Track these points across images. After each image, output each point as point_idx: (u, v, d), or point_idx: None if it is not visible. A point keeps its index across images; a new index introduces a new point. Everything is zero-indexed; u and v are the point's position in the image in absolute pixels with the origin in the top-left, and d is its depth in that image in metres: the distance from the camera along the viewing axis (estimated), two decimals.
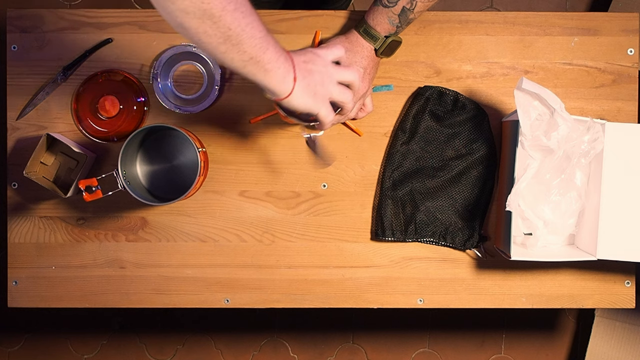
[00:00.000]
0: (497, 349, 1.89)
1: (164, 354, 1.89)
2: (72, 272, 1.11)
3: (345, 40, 0.99)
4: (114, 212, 1.11)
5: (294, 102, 0.84)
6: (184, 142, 1.08)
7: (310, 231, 1.11)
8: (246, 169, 1.10)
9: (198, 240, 1.11)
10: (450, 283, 1.11)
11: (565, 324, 1.89)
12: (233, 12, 0.73)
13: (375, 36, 0.97)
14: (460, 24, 1.11)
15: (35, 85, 1.10)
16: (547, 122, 0.97)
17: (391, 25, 0.97)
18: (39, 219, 1.11)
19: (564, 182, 1.01)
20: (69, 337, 1.90)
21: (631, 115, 1.11)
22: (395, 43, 1.00)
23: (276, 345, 1.89)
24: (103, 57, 1.10)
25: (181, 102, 1.10)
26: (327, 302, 1.11)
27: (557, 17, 1.11)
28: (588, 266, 1.10)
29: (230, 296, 1.11)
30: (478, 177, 1.09)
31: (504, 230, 1.02)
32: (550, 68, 1.11)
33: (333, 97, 0.88)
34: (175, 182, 1.08)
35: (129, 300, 1.11)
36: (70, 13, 1.10)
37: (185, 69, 1.10)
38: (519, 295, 1.11)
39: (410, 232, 1.09)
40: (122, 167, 0.99)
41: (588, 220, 1.03)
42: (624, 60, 1.10)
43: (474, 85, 1.11)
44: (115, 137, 1.09)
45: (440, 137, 1.09)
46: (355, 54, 0.98)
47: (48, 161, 1.08)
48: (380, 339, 1.89)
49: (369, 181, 1.11)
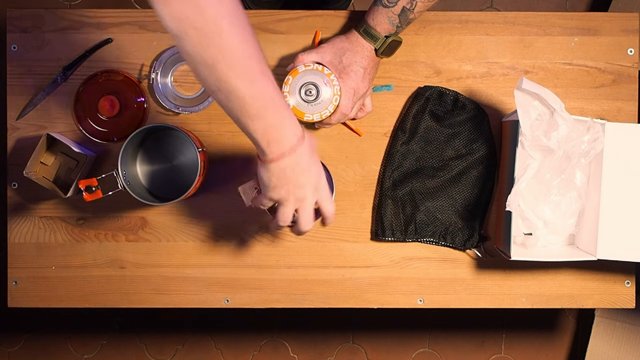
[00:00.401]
0: (497, 349, 1.89)
1: (164, 354, 1.89)
2: (72, 272, 1.11)
3: (345, 40, 0.99)
4: (114, 212, 1.11)
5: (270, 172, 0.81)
6: (184, 142, 1.08)
7: (310, 231, 1.10)
8: (246, 170, 1.10)
9: (198, 240, 1.11)
10: (450, 283, 1.11)
11: (565, 324, 1.89)
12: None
13: (375, 36, 0.97)
14: (460, 24, 1.11)
15: (35, 85, 1.10)
16: (547, 122, 0.97)
17: (391, 25, 0.97)
18: (39, 219, 1.11)
19: (564, 182, 1.01)
20: (69, 337, 1.90)
21: (631, 115, 1.11)
22: (396, 43, 1.00)
23: (276, 345, 1.89)
24: (103, 57, 1.10)
25: (181, 102, 1.10)
26: (327, 302, 1.11)
27: (557, 17, 1.11)
28: (588, 266, 1.10)
29: (230, 296, 1.11)
30: (478, 177, 1.09)
31: (504, 230, 1.02)
32: (550, 68, 1.11)
33: (298, 199, 0.84)
34: (175, 182, 1.08)
35: (129, 300, 1.11)
36: (70, 13, 1.10)
37: (185, 69, 1.10)
38: (519, 295, 1.11)
39: (410, 232, 1.09)
40: (122, 167, 0.99)
41: (588, 220, 1.03)
42: (624, 60, 1.10)
43: (474, 85, 1.11)
44: (115, 137, 1.09)
45: (440, 137, 1.09)
46: (356, 54, 0.98)
47: (48, 161, 1.08)
48: (380, 339, 1.89)
49: (369, 181, 1.11)
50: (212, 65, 0.72)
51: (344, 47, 0.99)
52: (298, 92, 1.00)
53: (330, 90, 0.99)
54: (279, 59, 1.10)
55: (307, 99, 1.00)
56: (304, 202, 0.84)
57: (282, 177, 0.81)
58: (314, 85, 0.99)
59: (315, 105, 1.00)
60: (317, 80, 0.99)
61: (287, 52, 1.10)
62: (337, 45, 1.00)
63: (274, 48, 1.10)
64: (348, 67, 0.98)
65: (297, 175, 0.82)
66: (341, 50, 0.99)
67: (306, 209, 0.85)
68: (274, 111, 0.77)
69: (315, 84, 0.99)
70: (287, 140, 0.79)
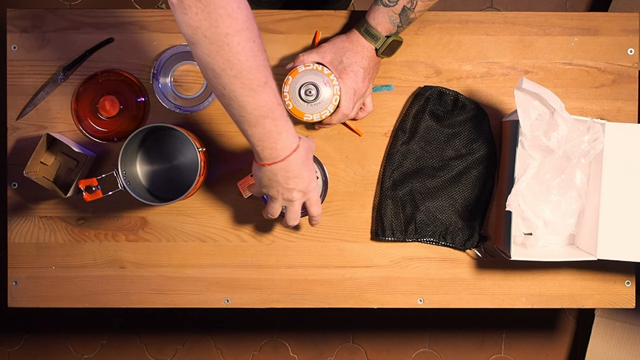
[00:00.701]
0: (497, 349, 1.89)
1: (164, 354, 1.89)
2: (72, 272, 1.11)
3: (346, 39, 0.99)
4: (114, 212, 1.11)
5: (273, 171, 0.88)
6: (184, 142, 1.08)
7: (310, 231, 1.10)
8: (246, 169, 1.10)
9: (198, 240, 1.11)
10: (450, 283, 1.11)
11: (565, 324, 1.89)
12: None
13: (376, 36, 0.97)
14: (460, 24, 1.11)
15: (35, 85, 1.10)
16: (547, 122, 0.97)
17: (392, 25, 0.97)
18: (39, 219, 1.11)
19: (564, 182, 1.01)
20: (69, 337, 1.90)
21: (631, 115, 1.11)
22: (396, 43, 1.00)
23: (276, 345, 1.89)
24: (103, 57, 1.10)
25: (181, 102, 1.10)
26: (327, 302, 1.11)
27: (557, 17, 1.11)
28: (588, 266, 1.10)
29: (230, 296, 1.11)
30: (478, 177, 1.09)
31: (504, 230, 1.02)
32: (550, 68, 1.11)
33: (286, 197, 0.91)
34: (175, 182, 1.08)
35: (129, 300, 1.11)
36: (70, 13, 1.10)
37: (185, 69, 1.10)
38: (519, 295, 1.11)
39: (410, 232, 1.09)
40: (122, 167, 0.99)
41: (588, 220, 1.03)
42: (624, 60, 1.10)
43: (474, 85, 1.11)
44: (115, 137, 1.09)
45: (440, 137, 1.09)
46: (356, 54, 0.98)
47: (48, 161, 1.08)
48: (380, 339, 1.89)
49: (369, 181, 1.11)
50: (219, 73, 0.77)
51: (345, 47, 0.99)
52: (298, 92, 1.00)
53: (330, 91, 0.99)
54: (279, 59, 1.10)
55: (306, 99, 1.00)
56: (290, 203, 0.92)
57: (273, 180, 0.89)
58: (314, 85, 0.99)
59: (315, 105, 1.00)
60: (317, 81, 0.99)
61: (287, 52, 1.10)
62: (337, 45, 1.00)
63: (274, 48, 1.10)
64: (348, 67, 0.98)
65: (287, 180, 0.88)
66: (342, 50, 0.99)
67: (292, 209, 0.93)
68: (272, 122, 0.82)
69: (315, 84, 0.99)
70: (280, 150, 0.85)
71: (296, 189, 0.90)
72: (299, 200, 0.92)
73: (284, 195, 0.91)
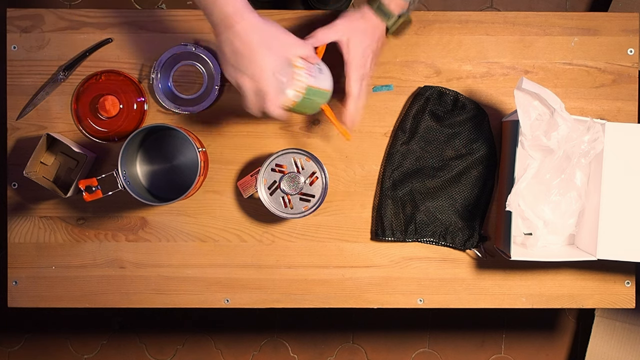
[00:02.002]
0: (497, 349, 1.89)
1: (164, 354, 1.89)
2: (72, 272, 1.11)
3: (360, 18, 0.96)
4: (114, 212, 1.11)
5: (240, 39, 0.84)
6: (184, 142, 1.08)
7: (310, 231, 1.11)
8: (246, 169, 1.10)
9: (198, 240, 1.11)
10: (450, 283, 1.11)
11: (565, 324, 1.89)
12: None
13: (389, 14, 0.96)
14: (460, 24, 1.11)
15: (35, 85, 1.10)
16: (547, 122, 0.97)
17: (404, 1, 0.96)
18: (39, 219, 1.11)
19: (564, 182, 1.01)
20: (69, 337, 1.90)
21: (631, 115, 1.11)
22: (406, 23, 0.99)
23: (276, 345, 1.89)
24: (103, 57, 1.10)
25: (181, 102, 1.10)
26: (327, 302, 1.11)
27: (557, 17, 1.11)
28: (588, 266, 1.10)
29: (230, 296, 1.11)
30: (478, 177, 1.09)
31: (504, 230, 1.02)
32: (550, 68, 1.11)
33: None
34: (175, 182, 1.08)
35: (129, 300, 1.11)
36: (70, 13, 1.10)
37: (185, 69, 1.10)
38: (519, 295, 1.11)
39: (410, 232, 1.09)
40: (122, 167, 0.99)
41: (588, 220, 1.03)
42: (624, 60, 1.10)
43: (474, 85, 1.11)
44: (115, 137, 1.09)
45: (440, 137, 1.09)
46: (368, 36, 0.96)
47: (48, 161, 1.08)
48: (380, 339, 1.89)
49: (369, 181, 1.11)
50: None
51: (359, 28, 0.96)
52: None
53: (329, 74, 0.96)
54: None
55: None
56: (240, 90, 0.87)
57: (222, 55, 0.85)
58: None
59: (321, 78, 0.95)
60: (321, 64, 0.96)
61: None
62: (353, 25, 0.96)
63: None
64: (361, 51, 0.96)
65: (235, 57, 0.84)
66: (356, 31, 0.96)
67: (245, 97, 0.87)
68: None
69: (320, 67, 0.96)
70: (229, 15, 0.83)
71: (244, 73, 0.84)
72: (249, 88, 0.86)
73: (235, 78, 0.85)
